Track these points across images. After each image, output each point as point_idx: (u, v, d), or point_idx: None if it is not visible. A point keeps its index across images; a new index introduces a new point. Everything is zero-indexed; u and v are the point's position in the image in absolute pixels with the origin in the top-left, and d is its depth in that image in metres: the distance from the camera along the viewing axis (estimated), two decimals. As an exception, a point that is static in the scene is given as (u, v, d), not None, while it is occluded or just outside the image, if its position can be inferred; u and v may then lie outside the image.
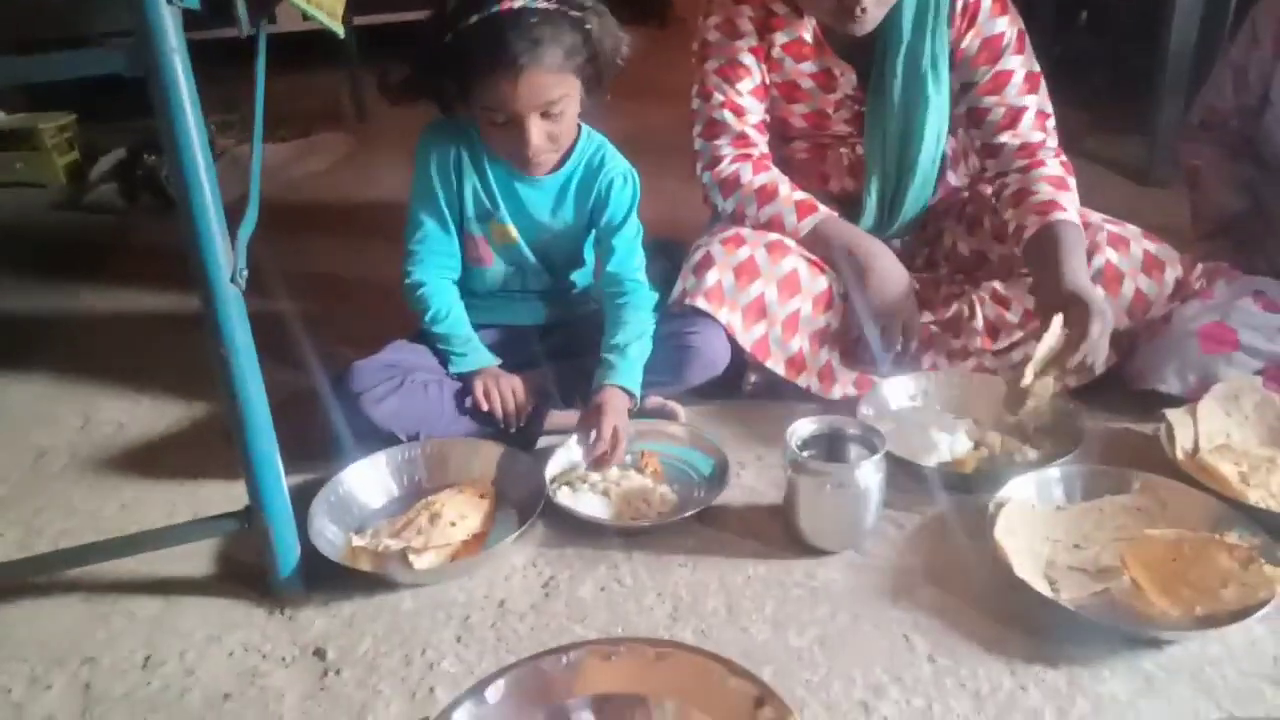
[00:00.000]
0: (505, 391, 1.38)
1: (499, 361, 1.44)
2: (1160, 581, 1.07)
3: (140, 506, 1.35)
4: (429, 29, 1.34)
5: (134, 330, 1.92)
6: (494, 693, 0.77)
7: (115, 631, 1.11)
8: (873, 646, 1.04)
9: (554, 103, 1.30)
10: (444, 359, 1.43)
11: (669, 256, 1.58)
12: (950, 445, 1.35)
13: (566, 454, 1.34)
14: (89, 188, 2.73)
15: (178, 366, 1.69)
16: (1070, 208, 1.42)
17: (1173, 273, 1.46)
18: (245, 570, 1.18)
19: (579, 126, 1.43)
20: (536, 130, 1.31)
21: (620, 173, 1.45)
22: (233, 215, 0.99)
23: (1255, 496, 1.17)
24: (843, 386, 1.50)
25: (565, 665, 0.80)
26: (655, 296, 1.46)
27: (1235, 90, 1.58)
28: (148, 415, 1.58)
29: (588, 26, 1.32)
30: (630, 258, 1.47)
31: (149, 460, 1.46)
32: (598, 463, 1.31)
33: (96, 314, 2.01)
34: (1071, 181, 1.47)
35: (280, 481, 1.08)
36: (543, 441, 1.41)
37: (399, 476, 1.33)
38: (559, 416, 1.43)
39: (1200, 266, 1.49)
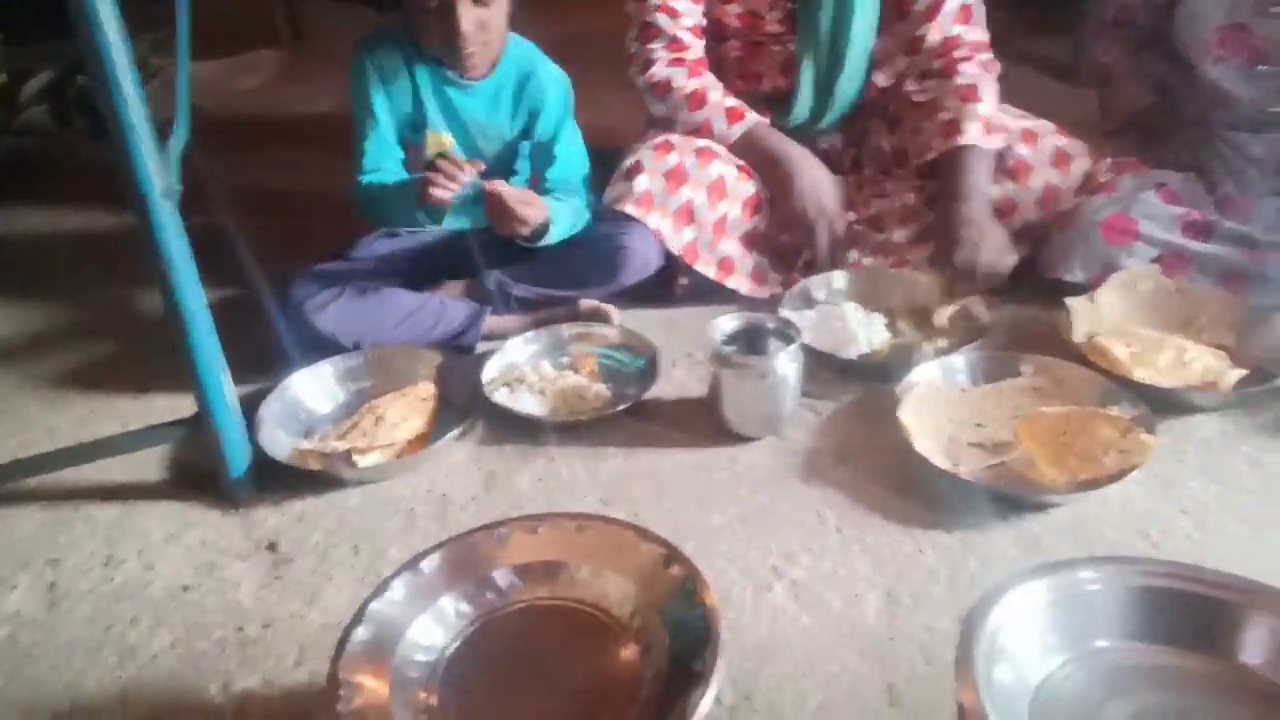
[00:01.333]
0: (447, 168, 1.34)
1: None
2: (1049, 452, 1.16)
3: (94, 419, 1.39)
4: None
5: (78, 248, 1.93)
6: (429, 564, 0.85)
7: (76, 535, 1.17)
8: (787, 521, 1.13)
9: None
10: (401, 197, 1.42)
11: (606, 164, 1.62)
12: (868, 337, 1.42)
13: (504, 357, 1.40)
14: (18, 110, 2.68)
15: (123, 282, 1.71)
16: (972, 128, 1.47)
17: (1081, 166, 1.53)
18: (199, 475, 1.24)
19: (508, 35, 1.45)
20: (468, 15, 1.33)
21: (553, 77, 1.48)
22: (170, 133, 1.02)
23: (1141, 374, 1.27)
24: (771, 286, 1.57)
25: (495, 539, 0.87)
26: (592, 200, 1.51)
27: None
28: (98, 331, 1.62)
29: None
30: (569, 164, 1.51)
31: (101, 375, 1.50)
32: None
33: (40, 234, 2.02)
34: (987, 87, 1.52)
35: (226, 387, 1.13)
36: (482, 346, 1.47)
37: (344, 383, 1.39)
38: (496, 322, 1.48)
39: (1108, 160, 1.56)
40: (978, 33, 1.55)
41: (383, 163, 1.48)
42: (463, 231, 1.56)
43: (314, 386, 1.36)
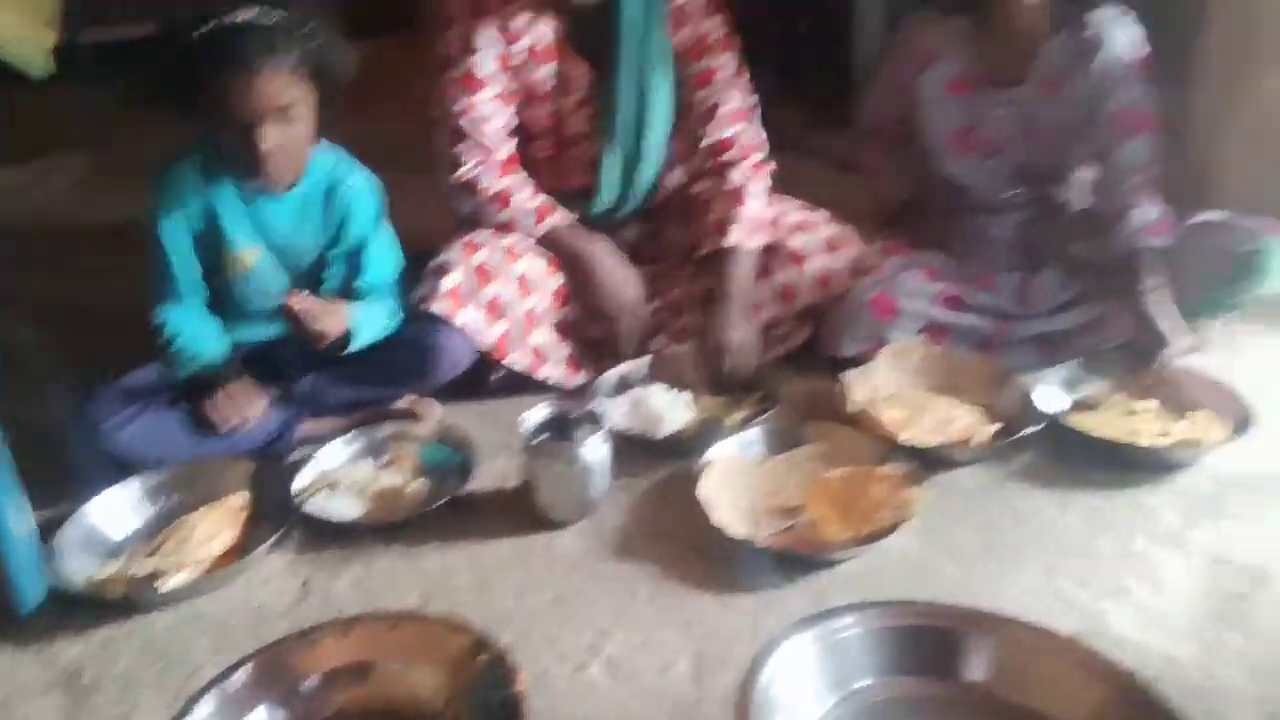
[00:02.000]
0: (230, 398, 1.41)
1: (228, 368, 1.48)
2: (834, 513, 1.28)
3: None
4: (162, 42, 1.37)
5: None
6: (239, 678, 0.85)
7: None
8: (600, 599, 1.19)
9: (286, 108, 1.36)
10: (179, 374, 1.45)
11: (420, 264, 1.67)
12: (674, 417, 1.52)
13: (320, 461, 1.41)
14: None
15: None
16: (736, 230, 1.62)
17: (851, 251, 1.71)
18: (-9, 612, 1.18)
19: (312, 150, 1.49)
20: (270, 134, 1.36)
21: (361, 184, 1.53)
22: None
23: (908, 435, 1.41)
24: (583, 374, 1.65)
25: (307, 645, 0.89)
26: (404, 303, 1.56)
27: (893, 98, 1.82)
28: None
29: (313, 41, 1.39)
30: (381, 269, 1.55)
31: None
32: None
33: None
34: (755, 189, 1.67)
35: (15, 516, 1.10)
36: (299, 451, 1.47)
37: (151, 499, 1.36)
38: (312, 426, 1.49)
39: (876, 244, 1.74)
40: (753, 134, 1.70)
41: (179, 285, 1.48)
42: (277, 339, 1.56)
43: (118, 506, 1.33)
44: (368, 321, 1.48)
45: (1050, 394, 1.50)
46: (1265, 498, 1.32)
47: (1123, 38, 1.59)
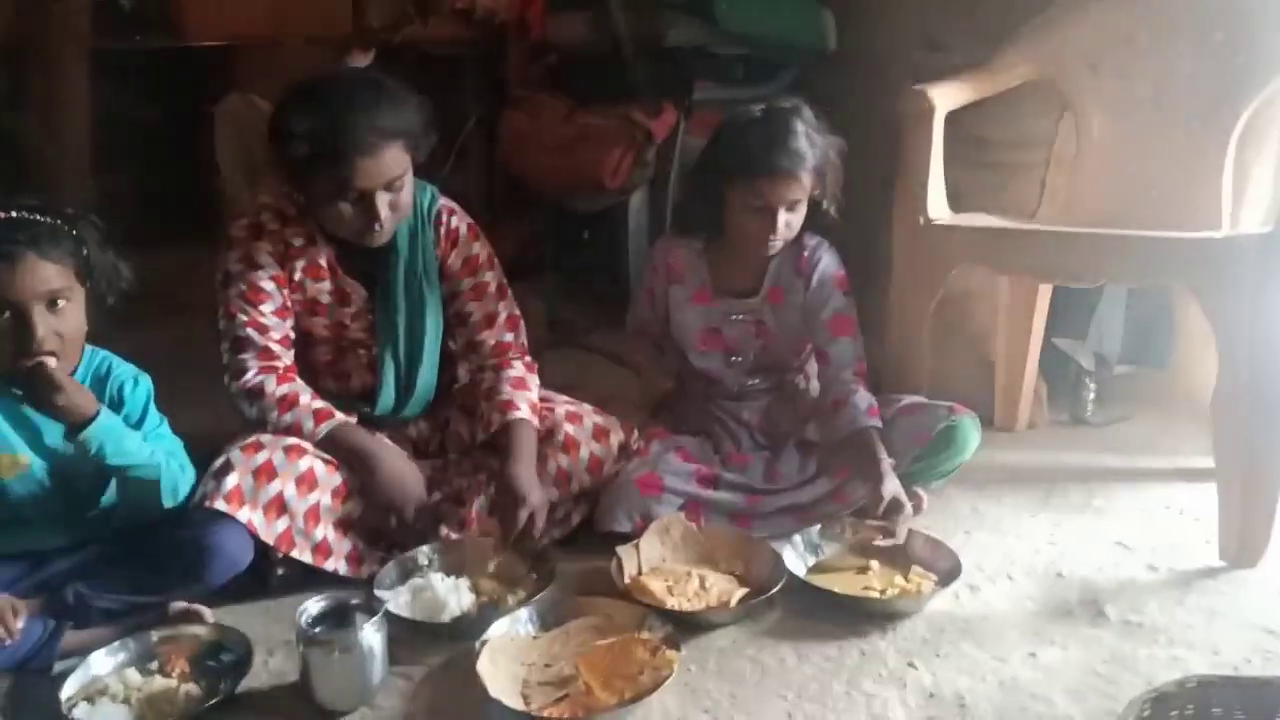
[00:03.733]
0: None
1: None
2: (601, 678, 1.38)
3: None
4: None
5: None
6: None
7: None
8: (376, 783, 1.22)
9: (55, 293, 1.42)
10: None
11: (205, 466, 1.70)
12: (456, 601, 1.59)
13: (86, 670, 1.38)
14: None
15: None
16: (524, 405, 1.79)
17: (617, 437, 1.89)
18: None
19: (83, 348, 1.54)
20: (41, 321, 1.40)
21: (129, 375, 1.58)
22: None
23: (672, 603, 1.56)
24: (369, 566, 1.70)
25: None
26: (192, 472, 1.59)
27: (651, 305, 2.09)
28: None
29: (84, 241, 1.47)
30: (161, 439, 1.58)
31: None
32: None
33: None
34: (532, 380, 1.86)
35: None
36: (62, 664, 1.43)
37: (-114, 727, 1.28)
38: (78, 636, 1.45)
39: (637, 431, 1.94)
40: (522, 338, 1.91)
41: None
42: (39, 549, 1.53)
43: None
44: (119, 431, 1.48)
45: (793, 558, 1.69)
46: (969, 637, 1.53)
47: (829, 259, 1.94)
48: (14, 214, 1.42)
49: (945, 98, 2.03)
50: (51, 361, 1.42)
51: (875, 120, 2.16)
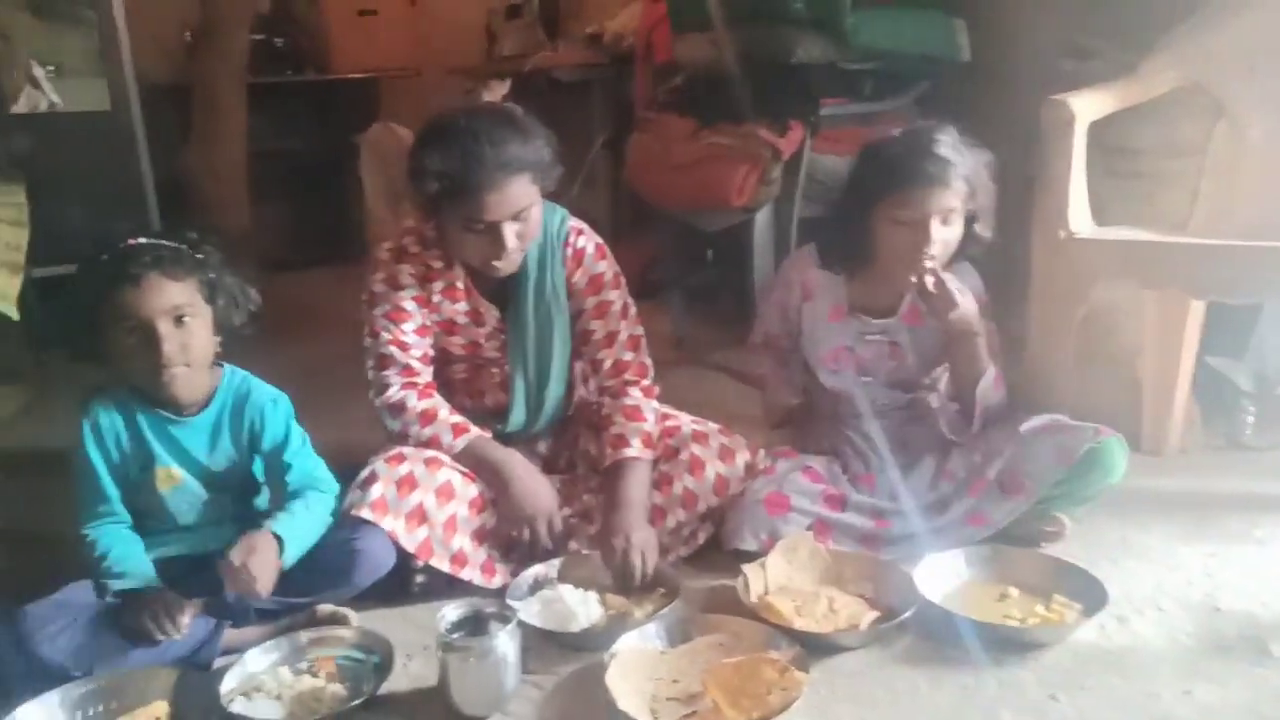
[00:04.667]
0: (159, 610, 1.48)
1: (157, 582, 1.55)
2: (729, 696, 1.37)
3: None
4: (73, 276, 1.56)
5: None
6: None
7: None
8: (509, 789, 1.25)
9: (178, 308, 1.53)
10: (109, 589, 1.52)
11: (349, 478, 1.79)
12: (587, 613, 1.62)
13: (243, 667, 1.47)
14: None
15: None
16: (635, 440, 1.81)
17: (743, 457, 1.89)
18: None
19: (222, 367, 1.66)
20: (168, 336, 1.52)
21: (269, 398, 1.68)
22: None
23: (801, 624, 1.54)
24: (501, 576, 1.76)
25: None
26: (336, 488, 1.68)
27: (781, 321, 2.09)
28: None
29: (206, 264, 1.59)
30: (305, 465, 1.68)
31: None
32: (241, 586, 1.50)
33: None
34: (648, 407, 1.87)
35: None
36: (221, 660, 1.53)
37: (73, 712, 1.39)
38: (236, 635, 1.55)
39: (763, 451, 1.93)
40: (643, 358, 1.93)
41: (105, 515, 1.60)
42: (200, 553, 1.65)
43: (39, 717, 1.36)
44: (297, 533, 1.58)
45: (927, 582, 1.64)
46: (1116, 670, 1.46)
47: (972, 280, 1.88)
48: (140, 240, 1.54)
49: (1088, 107, 1.95)
50: (238, 558, 1.50)
51: (1011, 132, 2.09)
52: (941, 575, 1.68)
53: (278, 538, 1.55)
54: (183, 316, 1.54)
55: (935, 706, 1.39)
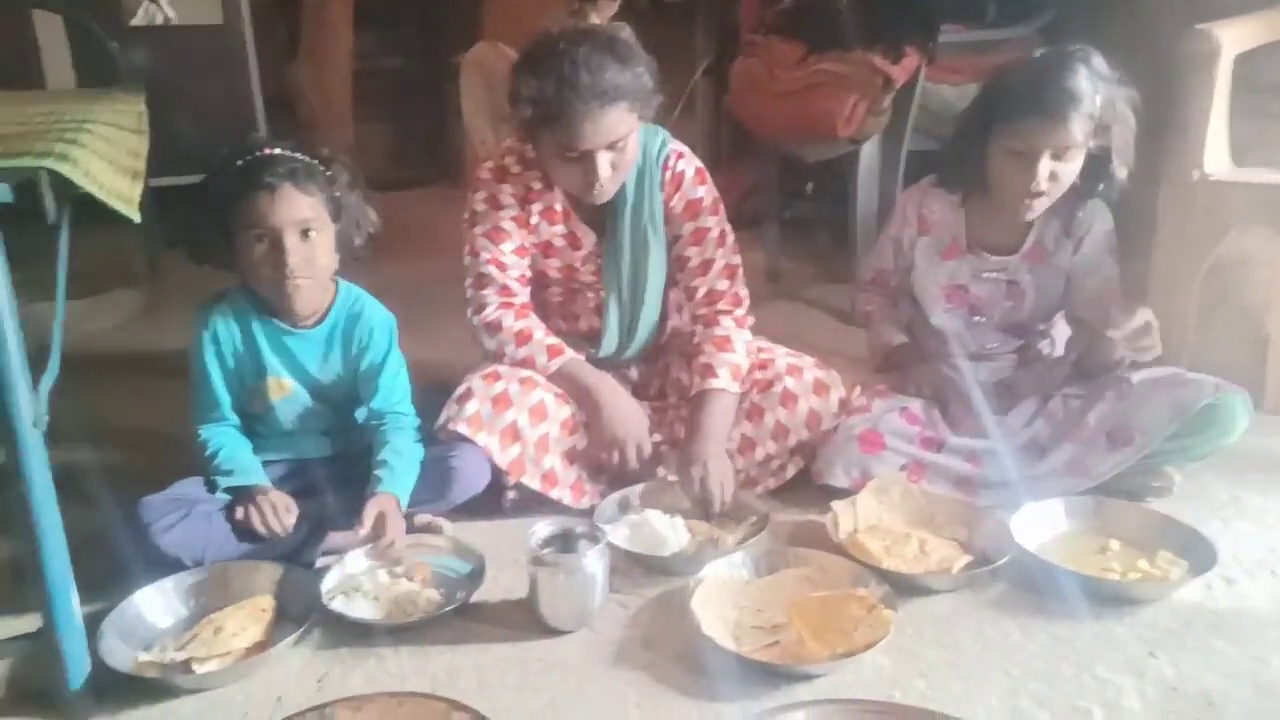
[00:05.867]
0: (267, 508, 1.56)
1: (266, 482, 1.62)
2: (814, 630, 1.37)
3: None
4: (206, 180, 1.60)
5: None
6: (260, 745, 0.96)
7: (-99, 756, 1.19)
8: (593, 702, 1.28)
9: (306, 221, 1.56)
10: (219, 486, 1.59)
11: (445, 393, 1.83)
12: (675, 538, 1.64)
13: (343, 569, 1.53)
14: None
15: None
16: (723, 371, 1.79)
17: (837, 393, 1.86)
18: (36, 691, 1.28)
19: (337, 283, 1.69)
20: (294, 248, 1.55)
21: (378, 320, 1.71)
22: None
23: (889, 563, 1.52)
24: (590, 497, 1.78)
25: (320, 718, 0.99)
26: (417, 422, 1.72)
27: (894, 256, 2.02)
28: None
29: (335, 182, 1.62)
30: (392, 393, 1.72)
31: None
32: (383, 556, 1.55)
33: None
34: (739, 338, 1.84)
35: (72, 601, 1.22)
36: (323, 561, 1.60)
37: (185, 598, 1.47)
38: (337, 537, 1.62)
39: (859, 388, 1.89)
40: (738, 288, 1.89)
41: (217, 414, 1.66)
42: (307, 459, 1.71)
43: (156, 601, 1.45)
44: (406, 487, 1.63)
45: (1024, 530, 1.60)
46: (1221, 632, 1.40)
47: (1103, 224, 1.79)
48: (275, 150, 1.57)
49: (1236, 38, 1.81)
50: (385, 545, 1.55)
51: (1144, 65, 1.96)
52: (1039, 524, 1.63)
53: (395, 498, 1.60)
54: (309, 230, 1.57)
55: (1026, 655, 1.36)
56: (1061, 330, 1.91)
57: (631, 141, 1.71)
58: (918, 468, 1.77)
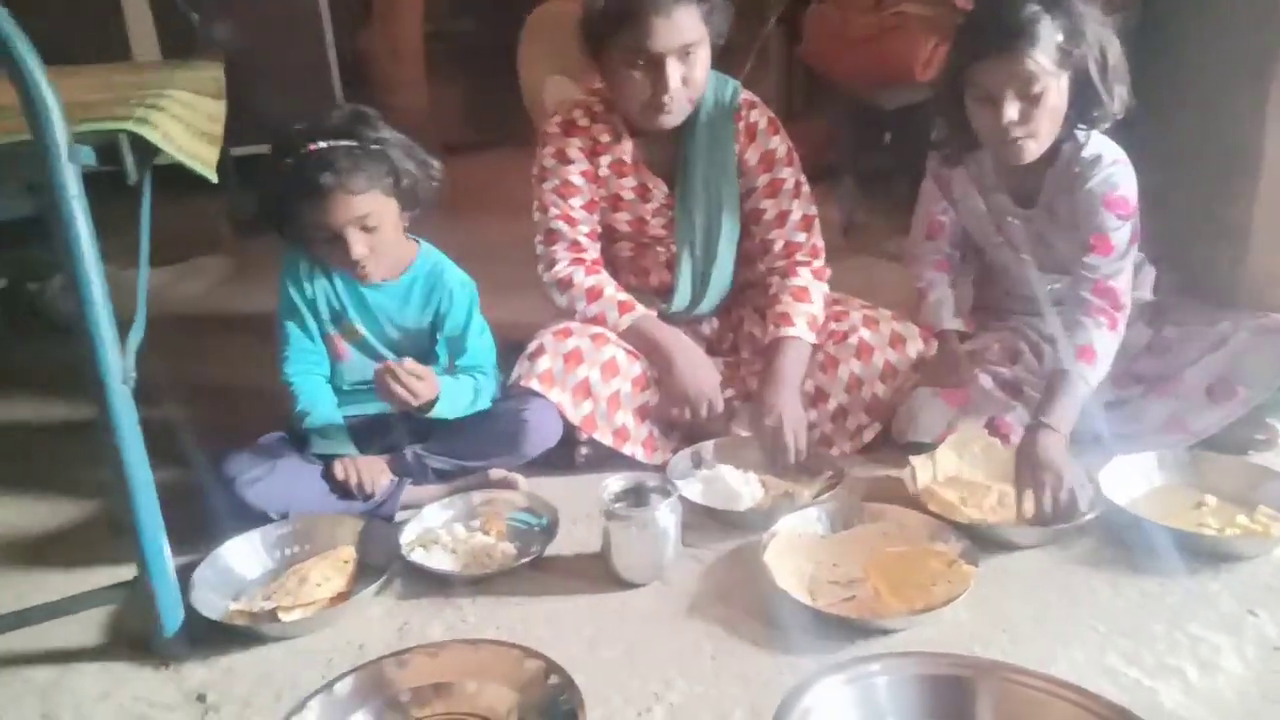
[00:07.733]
0: (363, 472, 1.60)
1: (356, 451, 1.65)
2: (891, 585, 1.35)
3: (35, 595, 1.49)
4: (263, 171, 1.62)
5: (20, 440, 2.06)
6: (342, 687, 0.98)
7: (14, 694, 1.26)
8: (667, 653, 1.28)
9: (364, 217, 1.56)
10: (309, 443, 1.64)
11: (518, 350, 1.84)
12: (749, 493, 1.62)
13: (421, 522, 1.57)
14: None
15: (64, 470, 1.84)
16: (800, 321, 1.75)
17: (915, 346, 1.81)
18: (134, 636, 1.35)
19: (418, 243, 1.71)
20: (356, 242, 1.57)
21: (458, 282, 1.73)
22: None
23: (966, 516, 1.48)
24: (662, 453, 1.77)
25: (400, 663, 1.01)
26: (500, 378, 1.73)
27: (941, 191, 1.91)
28: (38, 516, 1.73)
29: (388, 154, 1.60)
30: (479, 352, 1.73)
31: (41, 555, 1.61)
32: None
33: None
34: (817, 289, 1.81)
35: (163, 549, 1.27)
36: (401, 514, 1.63)
37: (271, 549, 1.52)
38: (415, 491, 1.65)
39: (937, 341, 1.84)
40: (815, 240, 1.85)
41: (301, 357, 1.70)
42: (385, 414, 1.74)
43: (244, 552, 1.50)
44: (455, 393, 1.64)
45: (1113, 484, 1.54)
46: (1327, 590, 1.33)
47: (1102, 176, 1.61)
48: (322, 145, 1.55)
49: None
50: (391, 365, 1.54)
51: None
52: (1130, 479, 1.57)
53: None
54: (368, 222, 1.58)
55: (1114, 612, 1.32)
56: (1146, 275, 1.81)
57: (702, 58, 1.67)
58: (1002, 423, 1.71)
